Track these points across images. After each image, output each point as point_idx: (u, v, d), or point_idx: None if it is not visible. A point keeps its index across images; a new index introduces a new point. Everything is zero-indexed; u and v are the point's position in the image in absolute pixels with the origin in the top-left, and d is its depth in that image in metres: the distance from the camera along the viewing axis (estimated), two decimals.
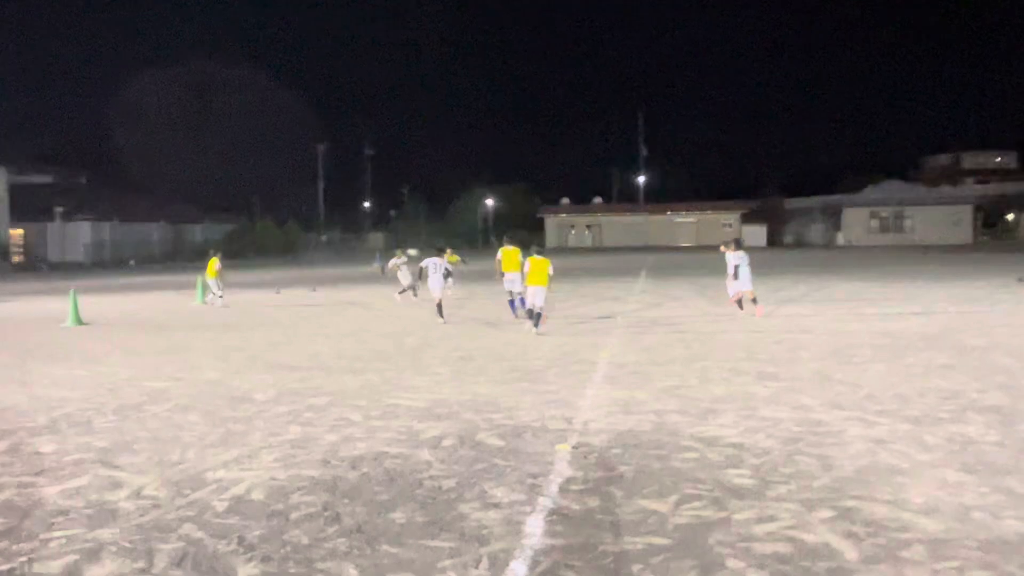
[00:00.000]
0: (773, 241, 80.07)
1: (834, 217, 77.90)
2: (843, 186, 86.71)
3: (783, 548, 4.27)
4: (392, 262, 22.54)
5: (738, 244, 16.48)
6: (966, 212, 72.98)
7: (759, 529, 4.54)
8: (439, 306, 16.04)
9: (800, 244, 78.22)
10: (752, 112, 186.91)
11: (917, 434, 6.55)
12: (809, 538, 4.40)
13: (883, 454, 5.99)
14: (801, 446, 6.26)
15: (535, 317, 13.70)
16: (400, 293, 21.29)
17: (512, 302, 16.34)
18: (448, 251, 18.54)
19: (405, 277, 21.46)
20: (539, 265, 13.82)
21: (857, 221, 74.83)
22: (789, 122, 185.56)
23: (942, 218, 73.05)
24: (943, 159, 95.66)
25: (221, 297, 20.88)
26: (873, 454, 6.00)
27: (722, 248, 16.44)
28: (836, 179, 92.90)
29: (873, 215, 75.09)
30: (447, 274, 17.34)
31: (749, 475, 5.54)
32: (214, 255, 21.72)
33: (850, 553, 4.19)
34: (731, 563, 4.08)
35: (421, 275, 17.01)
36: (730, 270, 15.81)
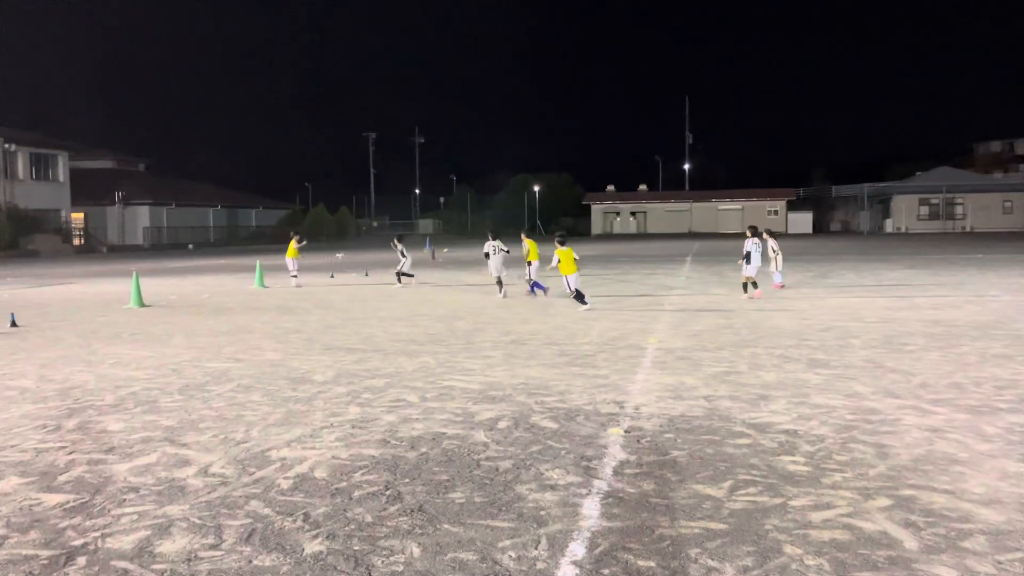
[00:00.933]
0: (820, 228, 78.85)
1: (882, 204, 76.42)
2: (892, 173, 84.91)
3: (841, 536, 4.29)
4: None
5: (754, 231, 17.39)
6: (1019, 199, 71.07)
7: (816, 516, 4.56)
8: (499, 281, 18.24)
9: (847, 231, 76.94)
10: (800, 98, 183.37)
11: (975, 424, 6.48)
12: (867, 526, 4.41)
13: (940, 443, 5.95)
14: (856, 434, 6.24)
15: (580, 297, 15.21)
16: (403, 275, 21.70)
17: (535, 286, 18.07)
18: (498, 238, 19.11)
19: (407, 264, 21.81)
20: (566, 256, 15.38)
21: (906, 208, 73.35)
22: (837, 109, 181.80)
23: (994, 205, 71.28)
24: (995, 145, 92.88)
25: (295, 276, 22.34)
26: (930, 443, 5.96)
27: (747, 234, 17.49)
28: (885, 166, 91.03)
29: (923, 202, 73.54)
30: (498, 252, 18.60)
31: (803, 462, 5.55)
32: (294, 236, 23.51)
33: (910, 542, 4.20)
34: (788, 549, 4.12)
35: (486, 257, 18.88)
36: (744, 254, 16.96)
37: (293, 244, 22.94)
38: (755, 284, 16.94)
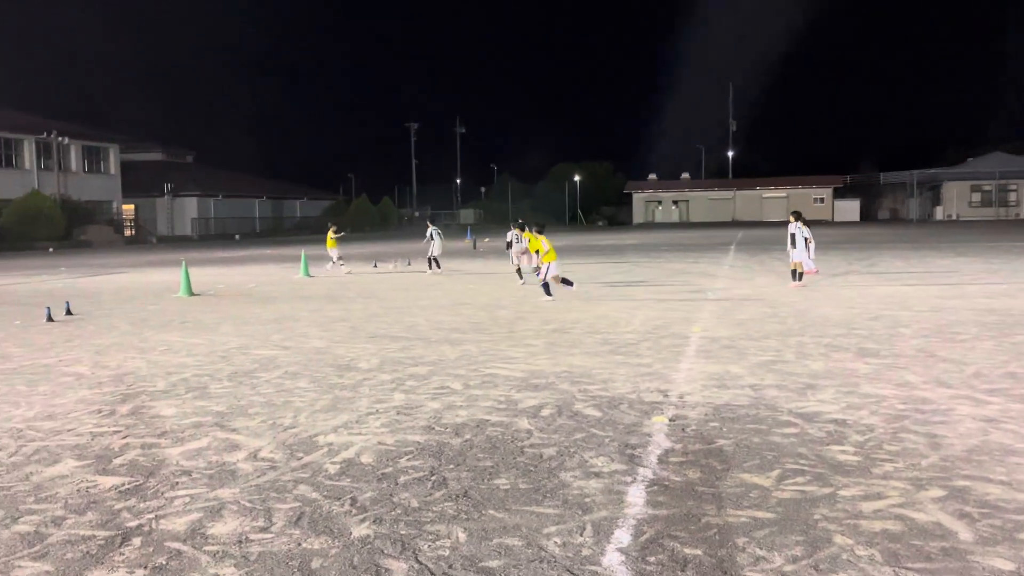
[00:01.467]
0: (867, 216, 77.38)
1: (933, 191, 74.71)
2: (943, 158, 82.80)
3: (893, 526, 4.22)
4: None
5: (797, 216, 17.24)
6: None
7: (866, 506, 4.49)
8: (518, 270, 19.02)
9: (896, 219, 75.42)
10: (846, 84, 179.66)
11: None
12: (920, 517, 4.33)
13: (995, 434, 5.81)
14: (907, 424, 6.12)
15: (563, 280, 15.62)
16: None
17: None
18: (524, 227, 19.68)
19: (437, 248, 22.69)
20: (546, 244, 15.49)
21: (958, 195, 71.61)
22: (885, 93, 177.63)
23: None
24: None
25: (341, 262, 23.63)
26: (984, 433, 5.83)
27: (791, 219, 17.32)
28: (935, 152, 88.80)
29: (975, 188, 71.71)
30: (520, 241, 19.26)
31: (853, 452, 5.46)
32: (331, 227, 24.87)
33: (964, 533, 4.11)
34: (839, 539, 4.06)
35: (508, 247, 19.89)
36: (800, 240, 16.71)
37: (331, 234, 24.33)
38: (798, 274, 16.74)
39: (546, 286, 15.22)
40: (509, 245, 19.67)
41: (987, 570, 3.71)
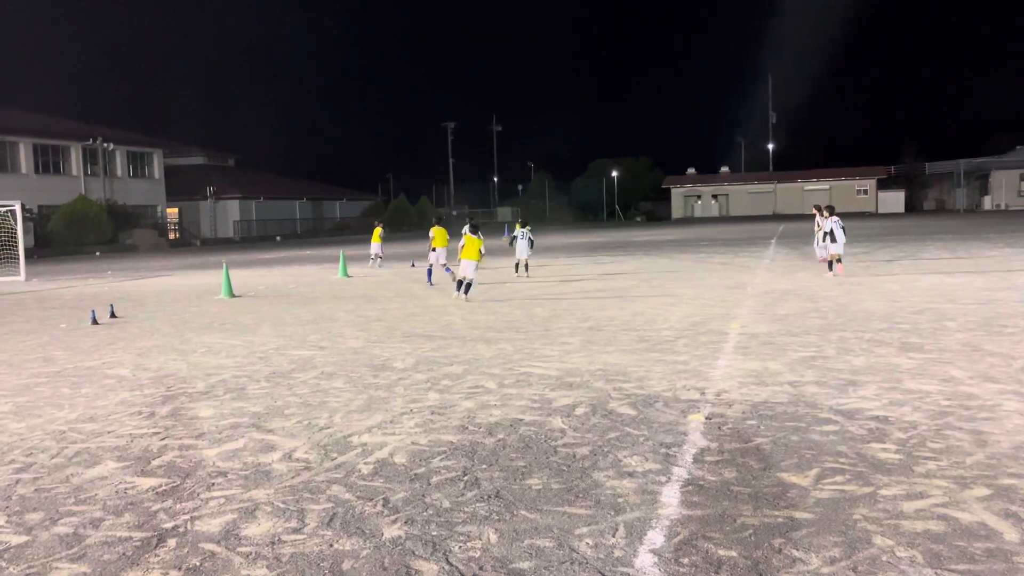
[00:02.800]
0: (912, 207, 75.87)
1: (980, 180, 72.96)
2: (990, 147, 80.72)
3: (935, 526, 4.10)
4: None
5: (831, 211, 18.29)
6: None
7: (908, 506, 4.37)
8: (517, 264, 20.33)
9: (942, 209, 73.82)
10: (889, 72, 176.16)
11: None
12: (963, 517, 4.20)
13: None
14: (951, 420, 5.96)
15: (465, 286, 15.33)
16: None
17: (430, 271, 19.64)
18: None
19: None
20: (472, 242, 15.45)
21: (1006, 184, 69.81)
22: (929, 81, 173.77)
23: None
24: None
25: (379, 261, 25.46)
26: None
27: (824, 214, 18.44)
28: (982, 140, 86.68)
29: None
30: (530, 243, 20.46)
31: (895, 450, 5.33)
32: (378, 225, 27.13)
33: (1010, 534, 3.98)
34: (878, 540, 3.96)
35: (512, 243, 20.85)
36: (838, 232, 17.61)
37: (378, 231, 26.55)
38: (839, 260, 17.58)
39: (462, 283, 15.43)
40: (513, 239, 20.78)
41: None
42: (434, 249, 19.72)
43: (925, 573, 3.61)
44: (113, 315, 14.51)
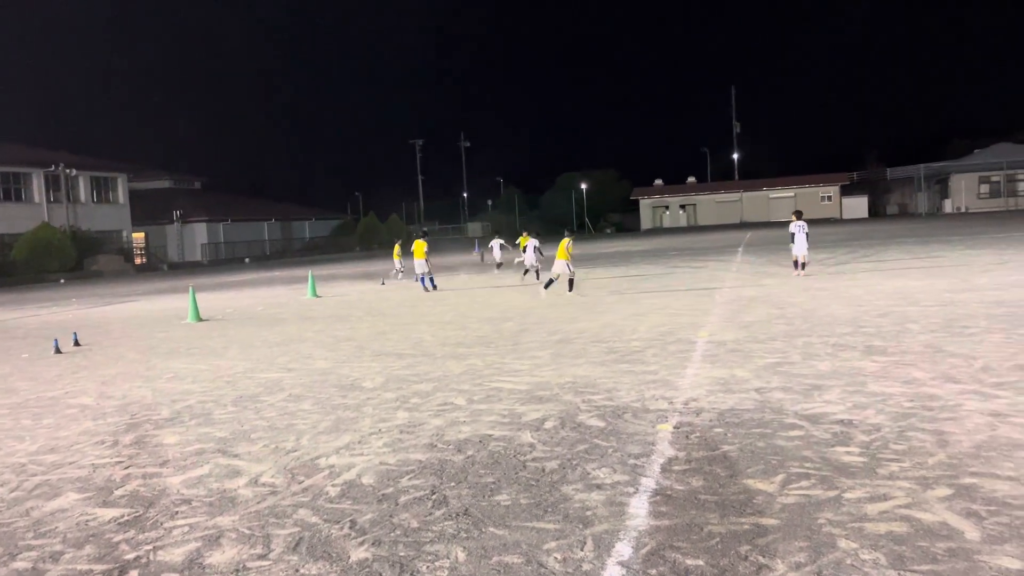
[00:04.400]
0: (876, 212, 77.11)
1: (940, 184, 74.40)
2: (949, 152, 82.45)
3: (898, 528, 4.14)
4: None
5: (799, 215, 19.76)
6: None
7: (871, 508, 4.42)
8: (536, 271, 22.13)
9: (905, 214, 75.15)
10: (849, 81, 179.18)
11: None
12: (926, 517, 4.26)
13: (1003, 428, 5.72)
14: (914, 422, 6.04)
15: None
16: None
17: (421, 279, 21.84)
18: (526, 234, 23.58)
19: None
20: (560, 245, 17.89)
21: (966, 187, 71.22)
22: (888, 89, 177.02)
23: None
24: None
25: (400, 274, 27.23)
26: (992, 429, 5.74)
27: (792, 218, 19.91)
28: (941, 144, 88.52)
29: (983, 180, 71.30)
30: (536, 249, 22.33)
31: (859, 453, 5.38)
32: (397, 242, 28.82)
33: (971, 532, 4.03)
34: (843, 544, 3.99)
35: (524, 251, 22.61)
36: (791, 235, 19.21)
37: (397, 248, 27.98)
38: (803, 264, 18.97)
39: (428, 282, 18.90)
40: (524, 250, 22.64)
41: (994, 569, 3.64)
42: (427, 259, 21.81)
43: (888, 575, 3.65)
44: (77, 343, 14.28)
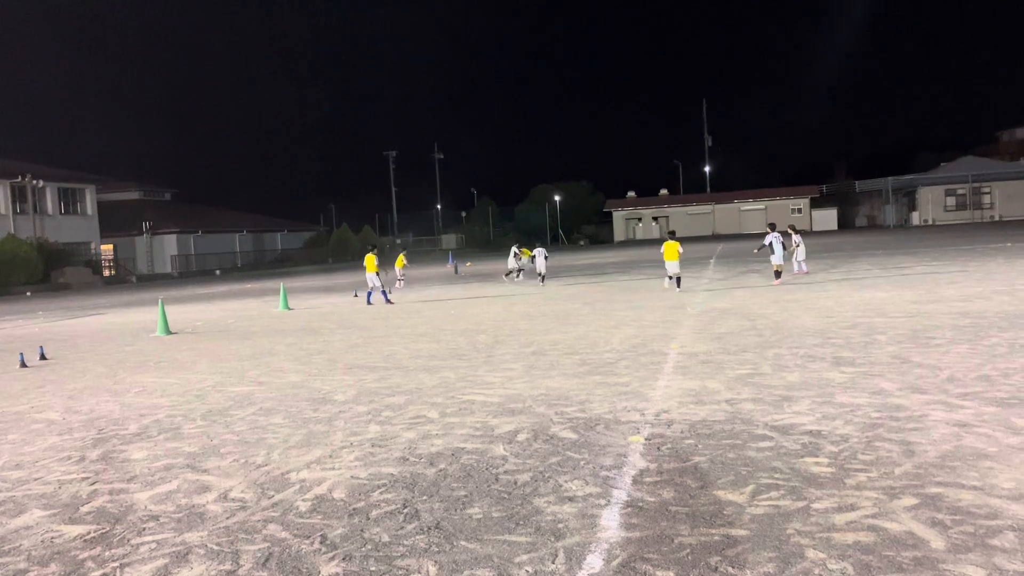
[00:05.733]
0: (845, 224, 78.19)
1: (908, 196, 75.66)
2: (916, 164, 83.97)
3: (865, 538, 4.19)
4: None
5: (772, 227, 21.53)
6: None
7: (839, 519, 4.47)
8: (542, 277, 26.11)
9: (873, 226, 76.28)
10: (818, 95, 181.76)
11: (1004, 416, 6.33)
12: (892, 527, 4.31)
13: (968, 438, 5.82)
14: (881, 432, 6.12)
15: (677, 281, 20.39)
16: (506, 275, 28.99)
17: (370, 293, 22.26)
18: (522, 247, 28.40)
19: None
20: (670, 246, 20.39)
21: (932, 199, 72.51)
22: (856, 104, 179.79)
23: (1022, 192, 70.21)
24: (1021, 132, 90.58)
25: (401, 283, 28.82)
26: (958, 438, 5.83)
27: (768, 230, 21.50)
28: (908, 157, 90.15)
29: (949, 193, 72.63)
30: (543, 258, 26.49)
31: (827, 463, 5.44)
32: (401, 252, 31.12)
33: (936, 541, 4.09)
34: (811, 554, 4.03)
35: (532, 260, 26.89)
36: (777, 246, 20.59)
37: (401, 257, 30.03)
38: (779, 273, 20.47)
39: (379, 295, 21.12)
40: (532, 259, 26.73)
41: None
42: (377, 273, 22.26)
43: None
44: (43, 357, 14.06)
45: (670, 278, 20.53)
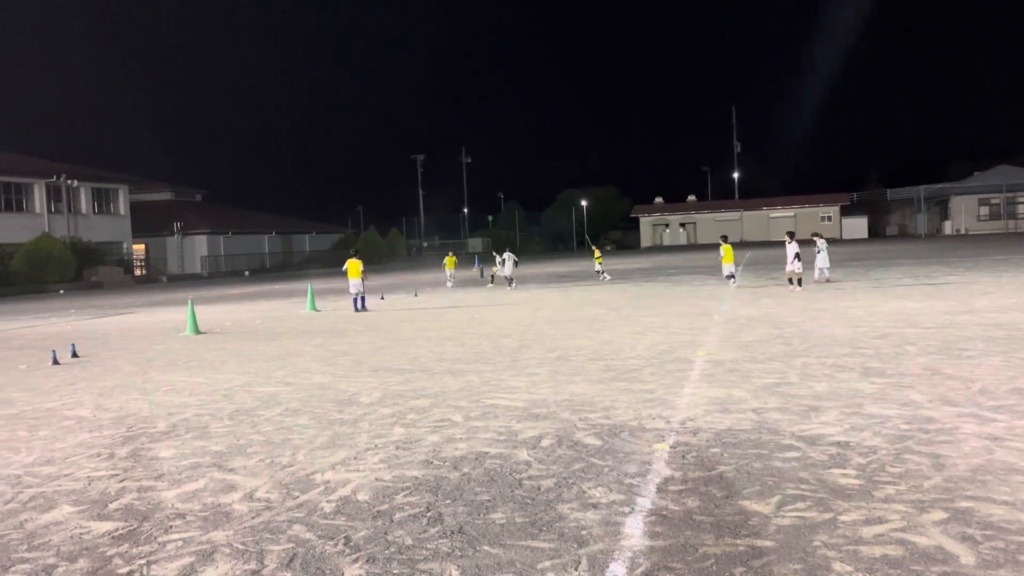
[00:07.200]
0: (875, 232, 77.33)
1: (940, 206, 74.65)
2: (949, 173, 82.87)
3: (893, 551, 4.13)
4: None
5: (792, 236, 21.65)
6: None
7: (867, 531, 4.41)
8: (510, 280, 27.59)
9: (904, 234, 75.36)
10: (851, 102, 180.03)
11: None
12: (921, 541, 4.25)
13: (1000, 452, 5.72)
14: (910, 444, 6.03)
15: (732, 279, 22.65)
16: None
17: (355, 300, 21.54)
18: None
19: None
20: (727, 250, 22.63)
21: (966, 209, 71.47)
22: (889, 111, 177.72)
23: None
24: None
25: (451, 283, 30.35)
26: (989, 452, 5.73)
27: (787, 239, 21.65)
28: (941, 166, 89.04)
29: (983, 202, 71.53)
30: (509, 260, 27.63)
31: (855, 475, 5.38)
32: (449, 254, 32.01)
33: (966, 557, 4.02)
34: (837, 567, 3.98)
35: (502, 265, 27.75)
36: (791, 255, 20.82)
37: (450, 257, 31.41)
38: (799, 280, 20.62)
39: (362, 299, 21.30)
40: (503, 263, 27.81)
41: None
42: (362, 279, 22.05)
43: None
44: (75, 355, 14.27)
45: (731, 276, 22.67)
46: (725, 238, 23.69)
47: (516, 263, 27.97)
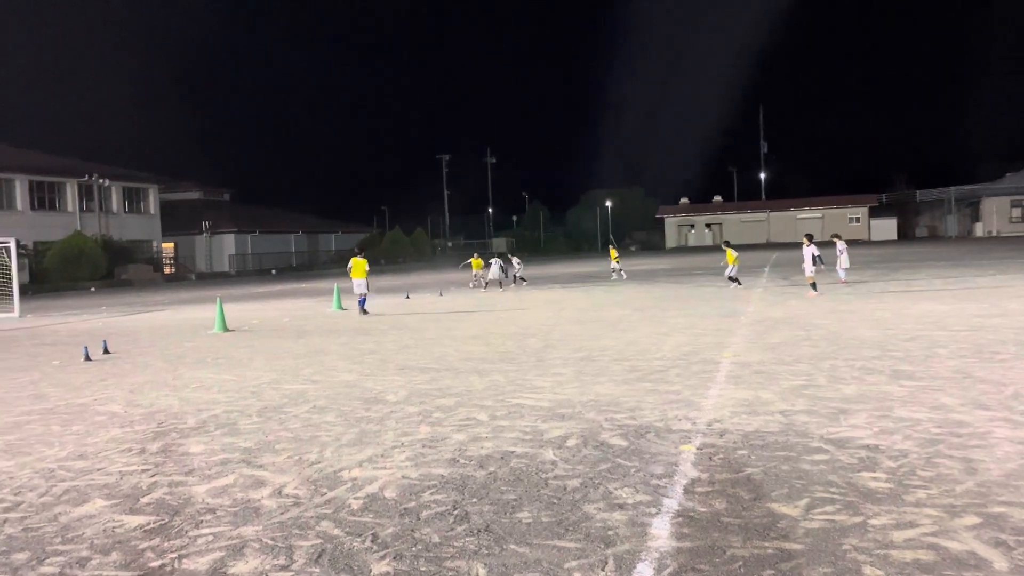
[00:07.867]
0: (904, 234, 76.42)
1: (971, 207, 73.59)
2: (980, 174, 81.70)
3: (924, 556, 4.09)
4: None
5: (810, 238, 21.05)
6: None
7: (897, 535, 4.37)
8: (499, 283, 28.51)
9: (934, 236, 74.39)
10: (880, 102, 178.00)
11: None
12: (953, 546, 4.20)
13: None
14: (942, 448, 5.96)
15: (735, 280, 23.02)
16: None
17: (363, 300, 20.88)
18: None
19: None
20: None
21: (997, 210, 70.40)
22: (919, 111, 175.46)
23: None
24: None
25: (474, 283, 29.74)
26: (1022, 457, 5.65)
27: (805, 242, 20.99)
28: (972, 167, 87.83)
29: (1015, 204, 70.44)
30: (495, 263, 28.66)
31: (885, 478, 5.32)
32: (475, 257, 30.69)
33: (1000, 562, 3.97)
34: (868, 571, 3.95)
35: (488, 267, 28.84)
36: (808, 258, 20.32)
37: (476, 258, 30.15)
38: (814, 285, 20.14)
39: (362, 300, 20.48)
40: (488, 265, 28.83)
41: None
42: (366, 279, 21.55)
43: None
44: (106, 351, 14.48)
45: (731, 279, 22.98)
46: (727, 243, 25.44)
47: (503, 267, 29.16)
